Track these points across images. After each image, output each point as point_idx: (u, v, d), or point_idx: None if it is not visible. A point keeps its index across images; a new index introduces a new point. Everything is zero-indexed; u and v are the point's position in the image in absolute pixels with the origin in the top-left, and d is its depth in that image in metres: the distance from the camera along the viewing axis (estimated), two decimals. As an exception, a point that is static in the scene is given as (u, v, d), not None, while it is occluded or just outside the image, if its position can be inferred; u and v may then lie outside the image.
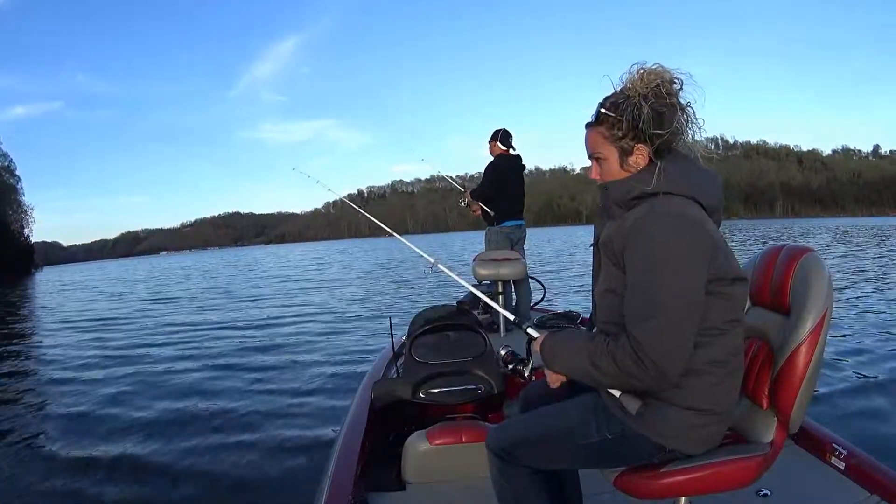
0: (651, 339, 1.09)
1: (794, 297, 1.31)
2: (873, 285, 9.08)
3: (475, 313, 3.43)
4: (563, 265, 16.30)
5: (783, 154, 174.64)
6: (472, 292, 1.91)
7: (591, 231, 1.40)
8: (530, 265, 4.71)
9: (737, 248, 18.08)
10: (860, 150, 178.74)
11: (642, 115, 1.16)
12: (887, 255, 15.36)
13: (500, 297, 3.87)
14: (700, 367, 1.17)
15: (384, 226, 2.74)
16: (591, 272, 1.41)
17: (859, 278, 10.08)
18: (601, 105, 1.23)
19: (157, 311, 11.78)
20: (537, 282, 4.45)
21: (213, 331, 8.28)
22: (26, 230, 63.28)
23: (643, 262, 1.14)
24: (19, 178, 65.76)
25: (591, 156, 1.29)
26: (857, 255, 15.55)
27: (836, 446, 1.80)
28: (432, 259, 1.98)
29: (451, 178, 5.01)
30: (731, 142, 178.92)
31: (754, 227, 51.03)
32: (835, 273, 10.48)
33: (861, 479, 1.68)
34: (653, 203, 1.17)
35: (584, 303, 7.71)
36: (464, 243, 36.88)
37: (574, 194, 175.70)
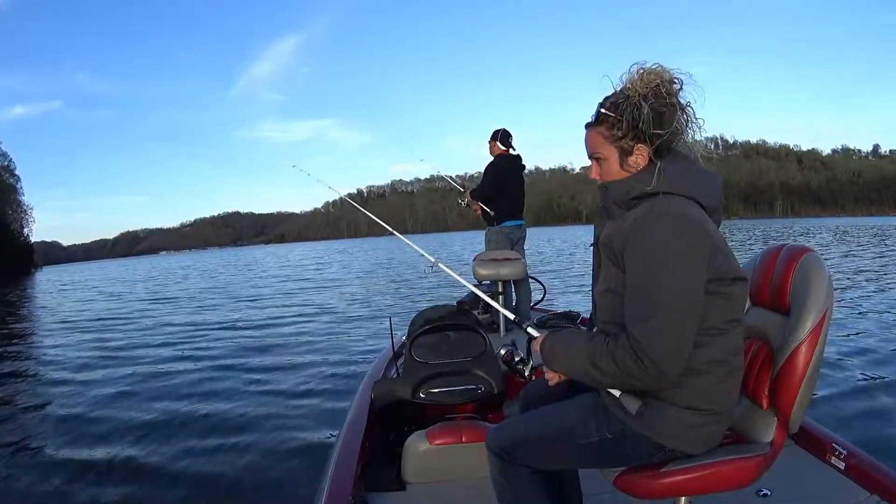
0: (651, 339, 1.10)
1: (794, 296, 1.31)
2: (874, 285, 9.07)
3: (475, 313, 3.44)
4: (563, 265, 16.30)
5: (783, 154, 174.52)
6: (473, 292, 1.91)
7: (591, 231, 1.40)
8: (530, 265, 4.71)
9: (737, 248, 18.08)
10: (860, 150, 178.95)
11: (642, 115, 1.17)
12: (888, 254, 15.36)
13: (500, 296, 3.87)
14: (700, 367, 1.18)
15: (385, 225, 2.74)
16: (591, 272, 1.42)
17: (860, 278, 10.08)
18: (601, 105, 1.23)
19: (157, 311, 11.77)
20: (537, 282, 4.45)
21: (212, 331, 8.27)
22: (26, 230, 63.48)
23: (643, 262, 1.14)
24: (19, 177, 65.97)
25: (591, 156, 1.29)
26: (857, 254, 15.55)
27: (836, 446, 1.80)
28: (433, 258, 1.98)
29: (450, 177, 5.02)
30: (731, 141, 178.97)
31: (754, 226, 51.03)
32: (835, 273, 10.48)
33: (861, 479, 1.68)
34: (653, 203, 1.17)
35: (584, 303, 7.70)
36: (464, 243, 36.88)
37: (574, 194, 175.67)
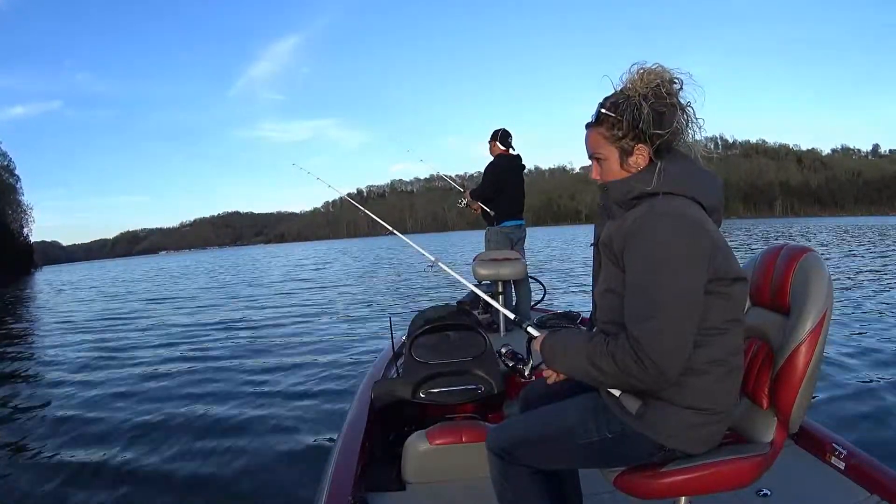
0: (651, 339, 1.10)
1: (794, 296, 1.31)
2: (875, 285, 9.07)
3: (475, 313, 3.44)
4: (563, 265, 16.30)
5: (782, 153, 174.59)
6: (473, 291, 1.91)
7: (591, 231, 1.40)
8: (530, 265, 4.71)
9: (737, 248, 18.09)
10: (859, 150, 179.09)
11: (642, 115, 1.17)
12: (888, 254, 15.37)
13: (500, 296, 3.87)
14: (700, 367, 1.18)
15: (385, 223, 2.74)
16: (591, 272, 1.42)
17: (860, 278, 10.08)
18: (601, 105, 1.23)
19: (156, 312, 11.76)
20: (537, 282, 4.45)
21: (212, 331, 8.26)
22: (25, 230, 63.58)
23: (643, 262, 1.14)
24: (19, 177, 66.08)
25: (591, 156, 1.29)
26: (857, 254, 15.55)
27: (837, 446, 1.80)
28: (433, 257, 1.98)
29: (450, 177, 5.02)
30: (731, 141, 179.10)
31: (754, 226, 51.02)
32: (835, 273, 10.48)
33: (861, 479, 1.68)
34: (653, 203, 1.17)
35: (584, 303, 7.71)
36: (463, 243, 36.89)
37: (574, 194, 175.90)
